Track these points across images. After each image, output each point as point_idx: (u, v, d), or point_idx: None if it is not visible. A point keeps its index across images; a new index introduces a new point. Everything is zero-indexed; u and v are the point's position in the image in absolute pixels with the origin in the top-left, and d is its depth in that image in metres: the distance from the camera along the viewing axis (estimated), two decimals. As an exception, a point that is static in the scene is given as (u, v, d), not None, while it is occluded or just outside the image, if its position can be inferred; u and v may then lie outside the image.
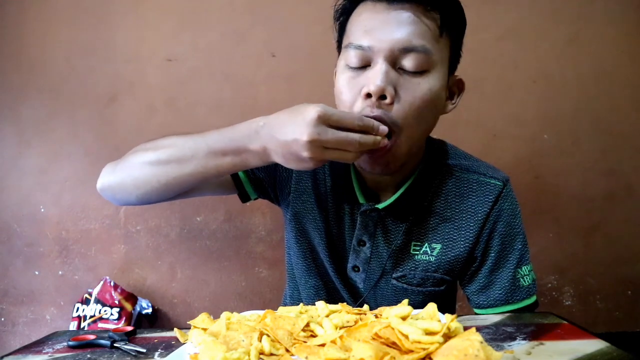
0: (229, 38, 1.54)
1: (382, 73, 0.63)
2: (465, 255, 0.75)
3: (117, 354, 0.55)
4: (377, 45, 0.64)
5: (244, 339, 0.49)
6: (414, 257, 0.76)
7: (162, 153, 0.69)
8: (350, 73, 0.67)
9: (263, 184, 0.84)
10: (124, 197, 0.74)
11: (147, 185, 0.70)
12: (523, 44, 1.53)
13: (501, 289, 0.75)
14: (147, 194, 0.71)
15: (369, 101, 0.64)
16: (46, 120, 1.54)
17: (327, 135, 0.58)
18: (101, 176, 0.75)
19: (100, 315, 1.42)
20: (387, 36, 0.63)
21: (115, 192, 0.74)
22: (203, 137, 0.68)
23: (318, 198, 0.80)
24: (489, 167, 0.78)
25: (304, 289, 0.85)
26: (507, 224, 0.75)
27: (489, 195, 0.75)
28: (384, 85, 0.63)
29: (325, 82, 0.85)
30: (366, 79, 0.65)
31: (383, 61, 0.64)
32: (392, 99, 0.64)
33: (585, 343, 0.51)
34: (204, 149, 0.66)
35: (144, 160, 0.70)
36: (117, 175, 0.73)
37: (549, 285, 1.56)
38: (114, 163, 0.75)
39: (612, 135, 1.55)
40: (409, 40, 0.63)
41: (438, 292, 0.78)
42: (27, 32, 1.53)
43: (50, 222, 1.55)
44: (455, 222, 0.75)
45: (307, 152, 0.59)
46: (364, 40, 0.65)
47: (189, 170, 0.67)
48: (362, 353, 0.42)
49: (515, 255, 0.75)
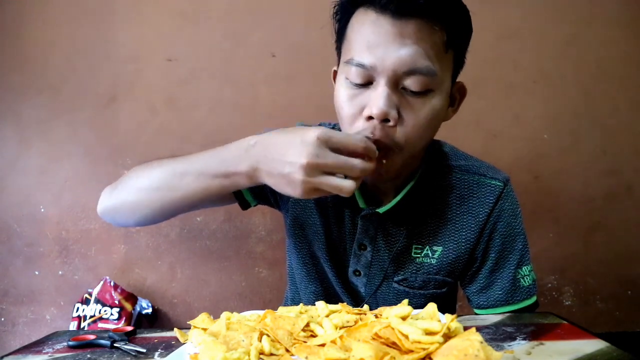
0: (229, 38, 1.54)
1: (385, 97, 0.60)
2: (467, 256, 0.75)
3: (117, 354, 0.55)
4: (380, 65, 0.60)
5: (244, 339, 0.49)
6: (415, 260, 0.76)
7: (152, 179, 0.69)
8: (351, 90, 0.64)
9: (263, 191, 0.82)
10: (122, 220, 0.75)
11: (142, 211, 0.71)
12: (523, 44, 1.53)
13: (501, 289, 0.75)
14: (143, 218, 0.72)
15: (371, 123, 0.62)
16: (46, 120, 1.54)
17: (326, 158, 0.55)
18: (100, 201, 0.75)
19: (100, 315, 1.42)
20: (390, 55, 0.60)
21: (113, 216, 0.75)
22: (193, 159, 0.67)
23: (318, 203, 0.79)
24: (489, 168, 0.78)
25: (305, 294, 0.85)
26: (508, 224, 0.75)
27: (489, 196, 0.74)
28: (387, 110, 0.60)
29: (326, 82, 0.85)
30: (368, 99, 0.62)
31: (385, 83, 0.61)
32: (395, 122, 0.62)
33: (585, 343, 0.51)
34: (193, 172, 0.65)
35: (137, 186, 0.70)
36: (114, 200, 0.73)
37: (549, 285, 1.56)
38: (111, 187, 0.75)
39: (612, 135, 1.55)
40: (413, 62, 0.60)
41: (440, 294, 0.78)
42: (27, 32, 1.53)
43: (50, 222, 1.55)
44: (456, 224, 0.75)
45: (303, 174, 0.55)
46: (367, 57, 0.61)
47: (180, 195, 0.67)
48: (362, 353, 0.42)
49: (515, 255, 0.75)
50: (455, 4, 0.64)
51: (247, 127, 1.54)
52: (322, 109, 1.56)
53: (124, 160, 1.55)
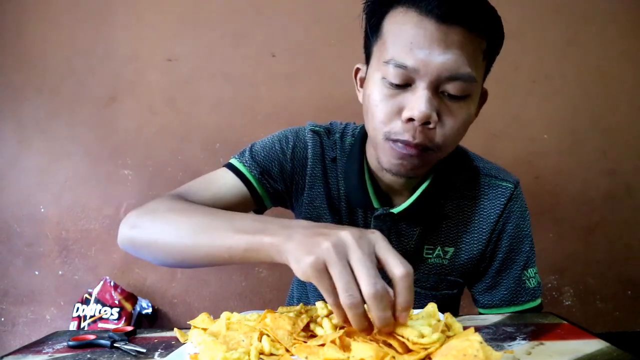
0: (229, 38, 1.54)
1: (427, 100, 0.59)
2: (478, 257, 0.75)
3: (117, 354, 0.55)
4: (422, 68, 0.59)
5: (244, 339, 0.49)
6: (427, 261, 0.76)
7: (180, 231, 0.61)
8: (389, 90, 0.62)
9: (282, 195, 0.79)
10: (142, 257, 0.68)
11: (163, 257, 0.64)
12: (523, 44, 1.53)
13: (507, 289, 0.75)
14: (162, 263, 0.65)
15: (410, 125, 0.61)
16: (46, 120, 1.54)
17: (343, 263, 0.44)
18: (122, 232, 0.67)
19: (100, 315, 1.42)
20: (434, 59, 0.59)
21: (134, 252, 0.68)
22: (228, 228, 0.57)
23: (330, 203, 0.78)
24: (499, 170, 0.78)
25: (313, 296, 0.84)
26: (516, 225, 0.75)
27: (500, 198, 0.75)
28: (430, 113, 0.59)
29: (326, 82, 0.85)
30: (408, 101, 0.61)
31: (427, 86, 0.60)
32: (435, 125, 0.61)
33: (585, 343, 0.51)
34: (225, 243, 0.56)
35: (162, 233, 0.62)
36: (135, 238, 0.66)
37: (549, 285, 1.56)
38: (133, 220, 0.67)
39: (612, 135, 1.55)
40: (457, 68, 0.59)
41: (451, 295, 0.78)
42: (27, 32, 1.53)
43: (50, 222, 1.55)
44: (468, 225, 0.75)
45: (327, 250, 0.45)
46: (409, 59, 0.59)
47: (202, 255, 0.59)
48: (362, 353, 0.42)
49: (522, 257, 0.75)
50: (494, 15, 0.65)
51: (247, 127, 1.54)
52: (322, 108, 1.57)
53: (124, 160, 1.55)
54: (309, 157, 0.75)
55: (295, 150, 0.75)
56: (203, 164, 1.56)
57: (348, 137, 0.77)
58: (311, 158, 0.75)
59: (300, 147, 0.75)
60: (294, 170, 0.77)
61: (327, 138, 0.77)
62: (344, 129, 0.78)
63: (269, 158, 0.74)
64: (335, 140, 0.77)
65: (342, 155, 0.76)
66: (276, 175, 0.76)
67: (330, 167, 0.77)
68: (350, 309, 0.43)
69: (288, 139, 0.76)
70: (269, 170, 0.74)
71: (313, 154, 0.75)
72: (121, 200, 1.56)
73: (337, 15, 1.54)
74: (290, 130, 0.77)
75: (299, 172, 0.77)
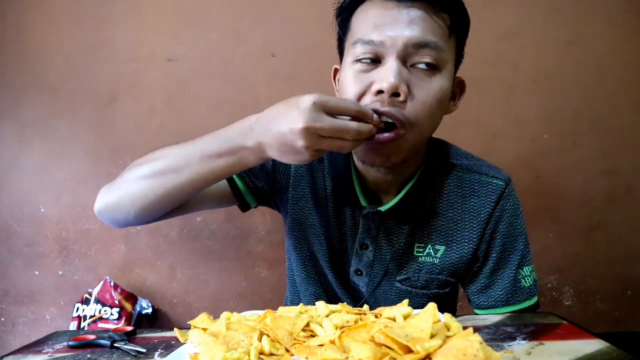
0: (229, 38, 1.54)
1: (395, 70, 0.61)
2: (470, 256, 0.75)
3: (117, 354, 0.55)
4: (389, 41, 0.62)
5: (244, 339, 0.49)
6: (417, 259, 0.76)
7: (156, 164, 0.67)
8: (359, 67, 0.65)
9: (263, 193, 0.82)
10: (122, 216, 0.71)
11: (145, 200, 0.67)
12: (523, 44, 1.53)
13: (502, 289, 0.75)
14: (144, 209, 0.69)
15: (380, 97, 0.62)
16: (46, 120, 1.54)
17: (323, 122, 0.56)
18: (98, 199, 0.72)
19: (100, 315, 1.42)
20: (399, 32, 0.62)
21: (112, 213, 0.71)
22: (196, 142, 0.66)
23: (317, 203, 0.78)
24: (490, 167, 0.78)
25: (304, 296, 0.84)
26: (509, 224, 0.75)
27: (491, 195, 0.74)
28: (398, 83, 0.61)
29: (326, 82, 0.85)
30: (377, 74, 0.63)
31: (395, 58, 0.62)
32: (405, 97, 0.62)
33: (585, 343, 0.51)
34: (198, 153, 0.65)
35: (139, 174, 0.68)
36: (113, 194, 0.70)
37: (549, 285, 1.56)
38: (109, 185, 0.72)
39: (612, 135, 1.55)
40: (423, 36, 0.62)
41: (442, 294, 0.77)
42: (27, 32, 1.53)
43: (50, 222, 1.55)
44: (458, 223, 0.75)
45: (302, 140, 0.56)
46: (374, 35, 0.63)
47: (185, 178, 0.65)
48: (360, 354, 0.42)
49: (516, 255, 0.75)
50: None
51: (247, 127, 1.54)
52: (322, 109, 1.57)
53: (124, 160, 1.55)
54: None
55: None
56: (203, 164, 1.56)
57: None
58: None
59: None
60: (275, 169, 0.78)
61: None
62: None
63: None
64: None
65: (329, 154, 0.77)
66: (257, 171, 0.78)
67: (316, 167, 0.79)
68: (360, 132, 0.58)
69: None
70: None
71: None
72: (121, 200, 1.55)
73: (337, 15, 1.54)
74: None
75: (281, 171, 0.79)
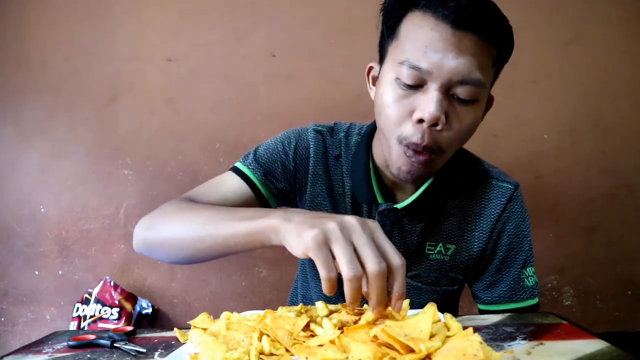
0: (229, 38, 1.54)
1: (437, 102, 0.62)
2: (478, 255, 0.78)
3: (117, 354, 0.55)
4: (436, 71, 0.62)
5: (244, 339, 0.49)
6: (428, 257, 0.78)
7: (185, 229, 0.65)
8: (401, 90, 0.65)
9: (286, 194, 0.81)
10: (158, 257, 0.72)
11: (177, 254, 0.68)
12: (523, 44, 1.53)
13: (506, 286, 0.77)
14: (176, 260, 0.70)
15: (420, 127, 0.64)
16: (46, 120, 1.54)
17: (340, 242, 0.47)
18: (135, 235, 0.71)
19: (100, 315, 1.42)
20: (447, 63, 0.61)
21: (150, 253, 0.72)
22: (221, 224, 0.62)
23: (333, 200, 0.79)
24: (500, 172, 0.81)
25: (315, 292, 0.86)
26: (517, 225, 0.77)
27: (501, 198, 0.77)
28: (439, 114, 0.62)
29: (326, 82, 0.85)
30: (419, 102, 0.64)
31: (438, 88, 0.62)
32: (442, 127, 0.64)
33: (585, 343, 0.51)
34: (221, 234, 0.61)
35: (170, 232, 0.67)
36: (147, 238, 0.70)
37: (549, 285, 1.56)
38: (146, 223, 0.71)
39: (612, 135, 1.55)
40: (468, 73, 0.62)
41: (451, 291, 0.80)
42: (27, 32, 1.53)
43: (50, 222, 1.55)
44: (469, 224, 0.77)
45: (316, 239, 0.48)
46: (423, 62, 0.62)
47: (211, 242, 0.63)
48: (360, 354, 0.42)
49: (522, 256, 0.77)
50: (506, 25, 0.67)
51: (247, 127, 1.54)
52: (322, 109, 1.57)
53: (124, 160, 1.55)
54: (311, 156, 0.78)
55: (297, 150, 0.78)
56: (203, 164, 1.56)
57: (354, 135, 0.80)
58: (313, 157, 0.78)
59: (302, 146, 0.78)
60: (296, 170, 0.79)
61: (330, 137, 0.79)
62: (349, 128, 0.81)
63: (271, 159, 0.77)
64: (340, 139, 0.79)
65: (347, 153, 0.79)
66: (279, 175, 0.78)
67: (333, 165, 0.80)
68: (351, 282, 0.45)
69: (290, 139, 0.78)
70: (272, 171, 0.77)
71: (315, 153, 0.78)
72: (121, 200, 1.56)
73: (337, 15, 1.55)
74: (293, 131, 0.80)
75: (301, 171, 0.79)
